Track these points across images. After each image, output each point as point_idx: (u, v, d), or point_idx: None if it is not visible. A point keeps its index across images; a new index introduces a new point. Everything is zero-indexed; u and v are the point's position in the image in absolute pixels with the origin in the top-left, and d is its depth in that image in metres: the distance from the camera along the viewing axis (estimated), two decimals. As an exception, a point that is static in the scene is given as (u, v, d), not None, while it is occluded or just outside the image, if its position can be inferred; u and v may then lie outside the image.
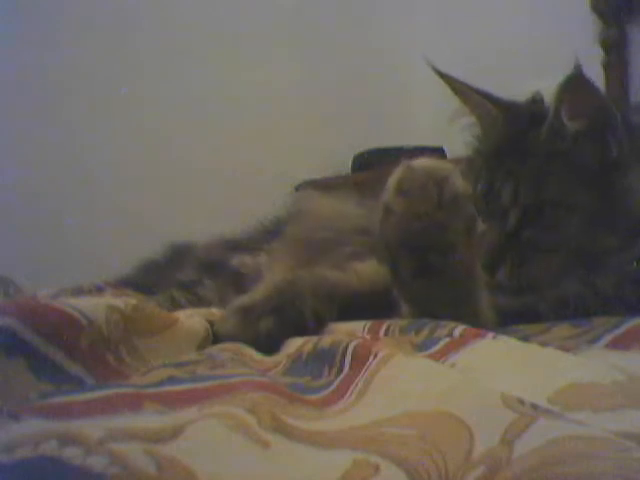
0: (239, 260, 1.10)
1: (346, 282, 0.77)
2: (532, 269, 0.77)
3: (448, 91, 0.88)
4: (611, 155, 0.77)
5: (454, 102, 0.89)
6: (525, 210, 0.78)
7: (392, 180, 0.62)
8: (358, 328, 0.65)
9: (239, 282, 1.04)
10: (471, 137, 0.89)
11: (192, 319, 0.70)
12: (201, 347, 0.67)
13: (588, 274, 0.73)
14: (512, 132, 0.83)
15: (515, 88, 0.89)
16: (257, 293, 0.75)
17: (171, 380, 0.48)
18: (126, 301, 0.60)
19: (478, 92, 0.87)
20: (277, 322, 0.70)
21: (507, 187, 0.79)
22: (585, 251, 0.75)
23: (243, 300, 0.74)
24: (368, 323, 0.65)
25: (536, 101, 0.87)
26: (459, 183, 0.62)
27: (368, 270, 0.79)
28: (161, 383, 0.46)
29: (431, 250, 0.62)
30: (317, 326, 0.70)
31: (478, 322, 0.62)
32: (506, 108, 0.86)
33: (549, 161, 0.78)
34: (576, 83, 0.75)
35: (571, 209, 0.76)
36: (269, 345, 0.68)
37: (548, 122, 0.78)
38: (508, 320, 0.68)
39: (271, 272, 1.00)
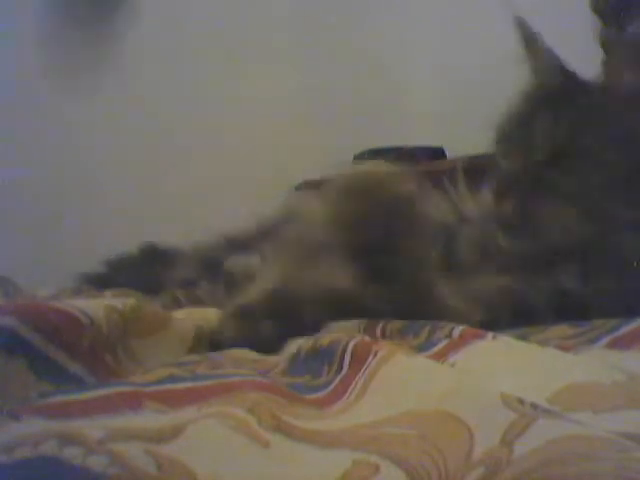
0: (232, 261, 1.10)
1: (345, 289, 0.76)
2: (541, 213, 0.73)
3: (448, 91, 0.88)
4: None
5: (454, 103, 0.89)
6: (556, 149, 0.74)
7: (335, 184, 0.63)
8: (353, 328, 0.65)
9: (231, 284, 1.04)
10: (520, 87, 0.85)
11: (184, 321, 0.70)
12: (194, 348, 0.66)
13: (588, 268, 0.72)
14: (565, 77, 0.80)
15: (515, 88, 0.89)
16: (252, 295, 0.74)
17: (171, 379, 0.48)
18: (124, 301, 0.60)
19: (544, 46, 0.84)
20: (276, 325, 0.70)
21: (545, 120, 0.76)
22: (597, 215, 0.72)
23: (238, 304, 0.74)
24: (363, 323, 0.65)
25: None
26: (403, 186, 0.62)
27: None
28: (161, 381, 0.46)
29: (378, 254, 0.62)
30: (315, 327, 0.70)
31: (447, 317, 0.62)
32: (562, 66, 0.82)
33: (595, 112, 0.74)
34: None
35: (600, 165, 0.72)
36: (270, 347, 0.67)
37: (602, 82, 0.76)
38: (502, 316, 0.67)
39: (264, 274, 0.99)
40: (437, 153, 2.00)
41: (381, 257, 0.62)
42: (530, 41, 0.84)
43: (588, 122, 0.75)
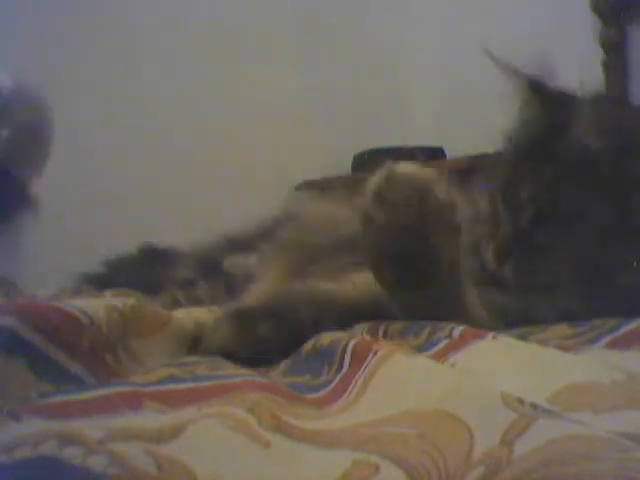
0: (232, 261, 1.09)
1: (344, 293, 0.75)
2: (537, 270, 0.76)
3: (448, 91, 0.88)
4: (634, 173, 0.75)
5: (454, 103, 0.88)
6: (540, 211, 0.76)
7: (371, 187, 0.60)
8: (356, 330, 0.65)
9: (230, 284, 1.04)
10: (507, 130, 0.85)
11: (184, 320, 0.69)
12: (194, 348, 0.66)
13: (593, 295, 0.72)
14: (546, 127, 0.80)
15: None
16: (252, 300, 0.74)
17: (171, 379, 0.48)
18: (124, 301, 0.60)
19: (526, 78, 0.84)
20: (275, 327, 0.69)
21: (526, 184, 0.77)
22: (595, 264, 0.73)
23: (237, 306, 0.72)
24: (366, 326, 0.65)
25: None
26: (443, 192, 0.60)
27: (366, 280, 0.78)
28: (161, 382, 0.46)
29: (414, 261, 0.61)
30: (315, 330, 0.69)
31: (469, 322, 0.62)
32: (547, 98, 0.82)
33: (573, 167, 0.76)
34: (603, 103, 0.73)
35: (586, 219, 0.74)
36: (267, 351, 0.66)
37: (571, 135, 0.77)
38: (507, 323, 0.67)
39: (263, 278, 0.99)
40: (437, 153, 2.00)
41: (416, 265, 0.61)
42: (514, 78, 0.84)
43: (569, 179, 0.76)
